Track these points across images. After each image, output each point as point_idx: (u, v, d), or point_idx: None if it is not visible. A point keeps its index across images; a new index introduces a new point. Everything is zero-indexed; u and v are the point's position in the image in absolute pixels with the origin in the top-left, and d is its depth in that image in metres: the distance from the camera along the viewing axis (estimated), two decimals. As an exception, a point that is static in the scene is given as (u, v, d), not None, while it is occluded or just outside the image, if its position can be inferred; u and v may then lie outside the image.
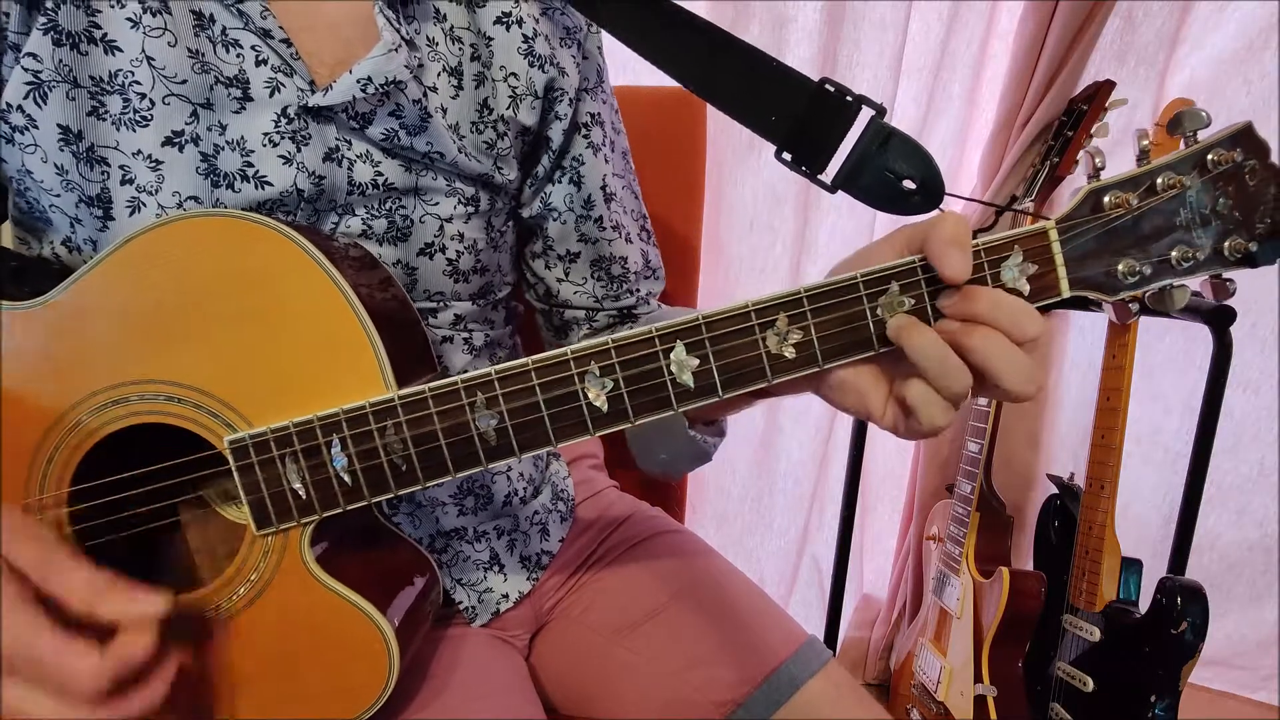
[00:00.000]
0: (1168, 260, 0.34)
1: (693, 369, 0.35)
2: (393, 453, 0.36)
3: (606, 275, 0.58)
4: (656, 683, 0.54)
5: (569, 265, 0.58)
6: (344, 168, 0.44)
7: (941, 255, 0.32)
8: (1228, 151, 0.33)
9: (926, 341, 0.33)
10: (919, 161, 0.40)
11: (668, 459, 0.53)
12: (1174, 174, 0.34)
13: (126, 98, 0.40)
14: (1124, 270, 0.34)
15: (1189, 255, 0.34)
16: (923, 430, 0.34)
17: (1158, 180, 0.34)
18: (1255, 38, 1.01)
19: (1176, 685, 0.83)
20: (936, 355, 0.33)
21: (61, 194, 0.42)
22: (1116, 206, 0.34)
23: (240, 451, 0.37)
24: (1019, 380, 0.32)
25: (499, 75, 0.49)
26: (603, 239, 0.57)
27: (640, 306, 0.61)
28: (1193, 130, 0.34)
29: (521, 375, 0.35)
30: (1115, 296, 0.35)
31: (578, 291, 0.58)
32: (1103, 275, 0.34)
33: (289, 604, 0.38)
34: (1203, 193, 0.34)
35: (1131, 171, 0.34)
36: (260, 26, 0.42)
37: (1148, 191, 0.34)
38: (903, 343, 0.34)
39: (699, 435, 0.48)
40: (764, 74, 0.42)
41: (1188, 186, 0.34)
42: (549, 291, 0.59)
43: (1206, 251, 0.34)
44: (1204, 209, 0.34)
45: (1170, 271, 0.34)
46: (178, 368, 0.37)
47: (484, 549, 0.56)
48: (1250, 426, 1.14)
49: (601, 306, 0.59)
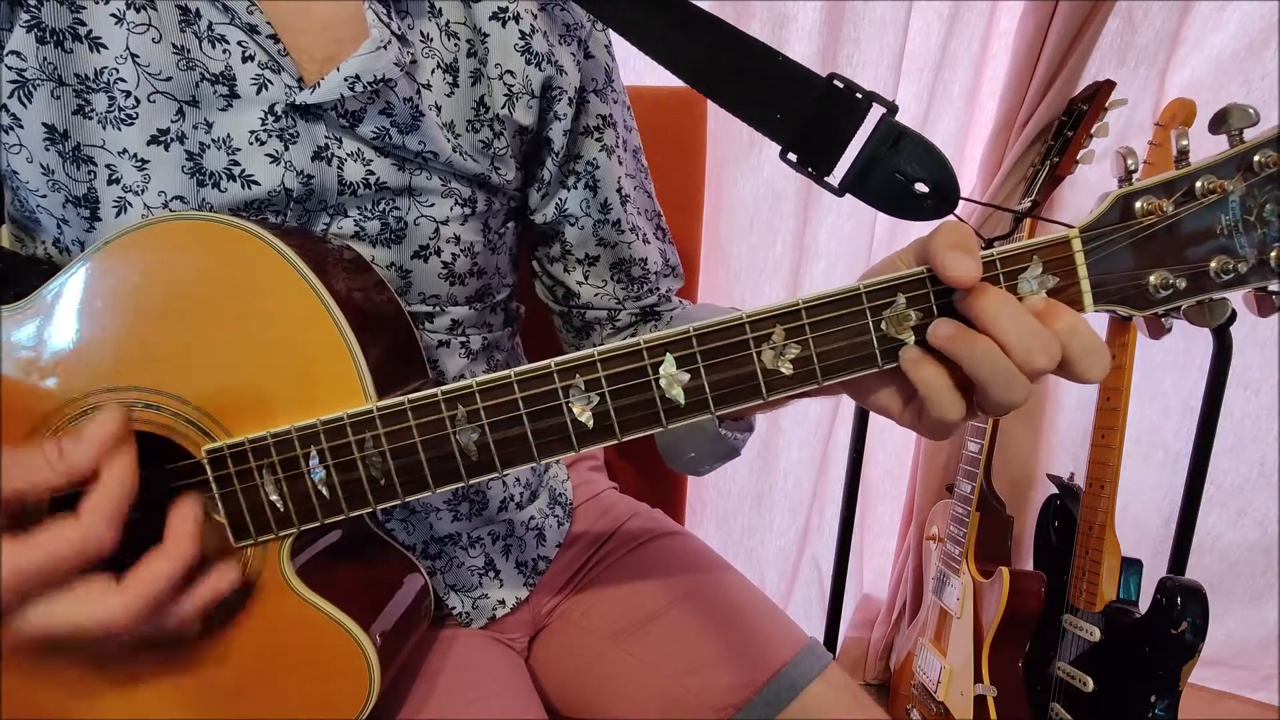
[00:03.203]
0: (1205, 271, 0.31)
1: (683, 384, 0.33)
2: (371, 466, 0.35)
3: (627, 277, 0.58)
4: (656, 686, 0.54)
5: (588, 268, 0.57)
6: (334, 167, 0.44)
7: (944, 258, 0.30)
8: (1277, 153, 0.30)
9: (930, 376, 0.31)
10: (932, 163, 0.37)
11: (696, 457, 0.52)
12: (1215, 177, 0.30)
13: (112, 95, 0.39)
14: (1156, 283, 0.31)
15: (1229, 266, 0.31)
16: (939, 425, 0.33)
17: (1197, 184, 0.30)
18: (1255, 38, 1.01)
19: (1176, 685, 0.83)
20: (940, 386, 0.31)
21: (48, 194, 0.41)
22: (1149, 213, 0.31)
23: (218, 462, 0.36)
24: (1002, 392, 0.30)
25: (495, 73, 0.48)
26: (621, 242, 0.57)
27: (663, 305, 0.61)
28: (1238, 129, 0.30)
29: (504, 388, 0.34)
30: (1146, 312, 0.32)
31: (599, 293, 0.58)
32: (1131, 288, 0.31)
33: (268, 617, 0.37)
34: (1248, 198, 0.30)
35: (1167, 174, 0.31)
36: (247, 22, 0.41)
37: (1185, 196, 0.31)
38: (910, 375, 0.32)
39: (728, 433, 0.47)
40: (769, 70, 0.40)
41: (1230, 191, 0.30)
42: (569, 294, 0.58)
43: (1251, 262, 0.31)
44: (1249, 215, 0.30)
45: (1209, 284, 0.31)
46: (155, 375, 0.37)
47: (479, 555, 0.55)
48: (1250, 426, 1.14)
49: (623, 306, 0.59)
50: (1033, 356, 0.30)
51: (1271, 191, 0.30)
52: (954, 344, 0.31)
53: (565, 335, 0.63)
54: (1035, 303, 0.31)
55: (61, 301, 0.37)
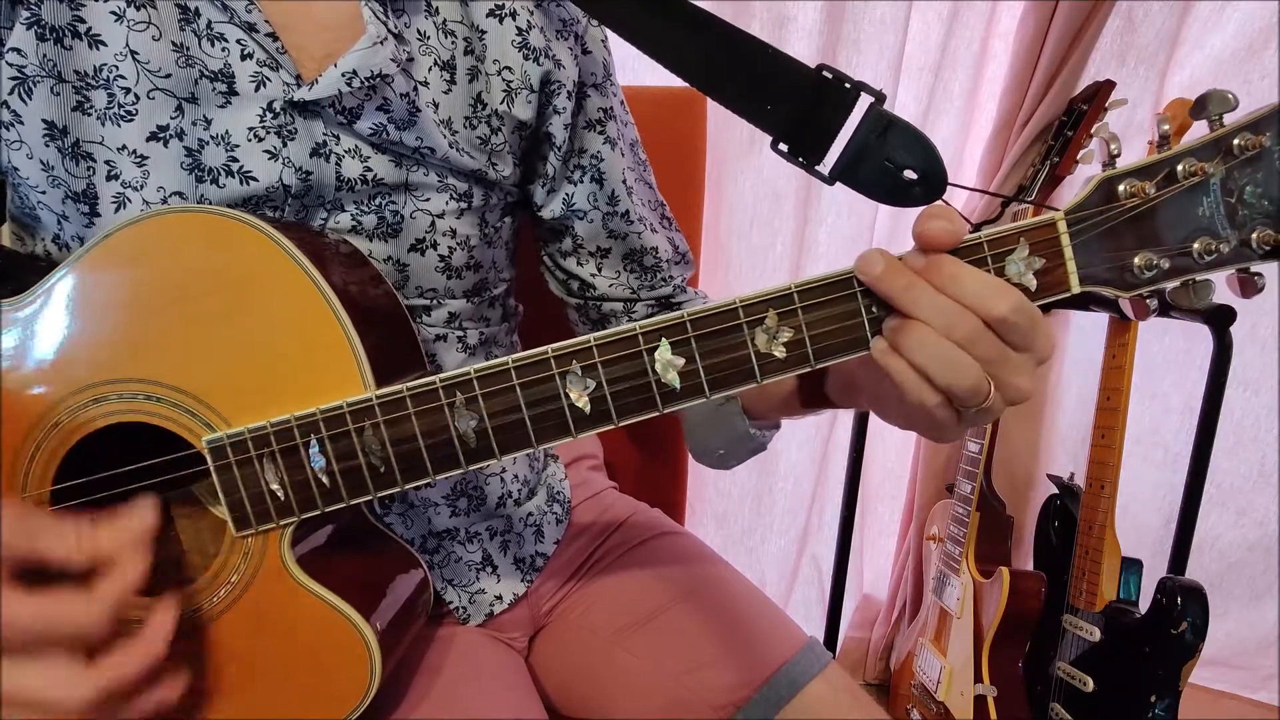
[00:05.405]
0: (1189, 253, 0.32)
1: (678, 369, 0.34)
2: (371, 454, 0.36)
3: (640, 266, 0.58)
4: (656, 685, 0.54)
5: (601, 260, 0.58)
6: (332, 163, 0.44)
7: (920, 225, 0.31)
8: (1256, 136, 0.30)
9: (899, 368, 0.32)
10: (920, 151, 0.38)
11: (725, 453, 0.53)
12: (1196, 160, 0.31)
13: (111, 92, 0.40)
14: (1140, 264, 0.32)
15: (1212, 248, 0.31)
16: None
17: (1178, 167, 0.31)
18: (1255, 38, 1.01)
19: (1176, 685, 0.83)
20: (912, 383, 0.32)
21: (48, 190, 0.41)
22: (1132, 196, 0.31)
23: (218, 452, 0.36)
24: (948, 375, 0.31)
25: (493, 69, 0.49)
26: (631, 232, 0.57)
27: (678, 295, 0.61)
28: (1218, 114, 0.31)
29: (501, 374, 0.34)
30: (1130, 293, 0.33)
31: (613, 284, 0.58)
32: (1116, 270, 0.32)
33: (270, 607, 0.38)
34: (1228, 180, 0.31)
35: (1149, 158, 0.32)
36: (246, 20, 0.41)
37: (1166, 179, 0.31)
38: (880, 365, 0.33)
39: (757, 430, 0.48)
40: (760, 62, 0.41)
41: (1211, 174, 0.31)
42: (585, 285, 0.59)
43: (1232, 243, 0.31)
44: (1229, 198, 0.31)
45: (1192, 265, 0.32)
46: (155, 366, 0.37)
47: (476, 550, 0.55)
48: (1250, 426, 1.14)
49: (639, 297, 0.59)
50: (951, 326, 0.31)
51: (1251, 174, 0.31)
52: (894, 336, 0.32)
53: (582, 330, 0.63)
54: (914, 260, 0.32)
55: (62, 294, 0.37)
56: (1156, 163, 0.32)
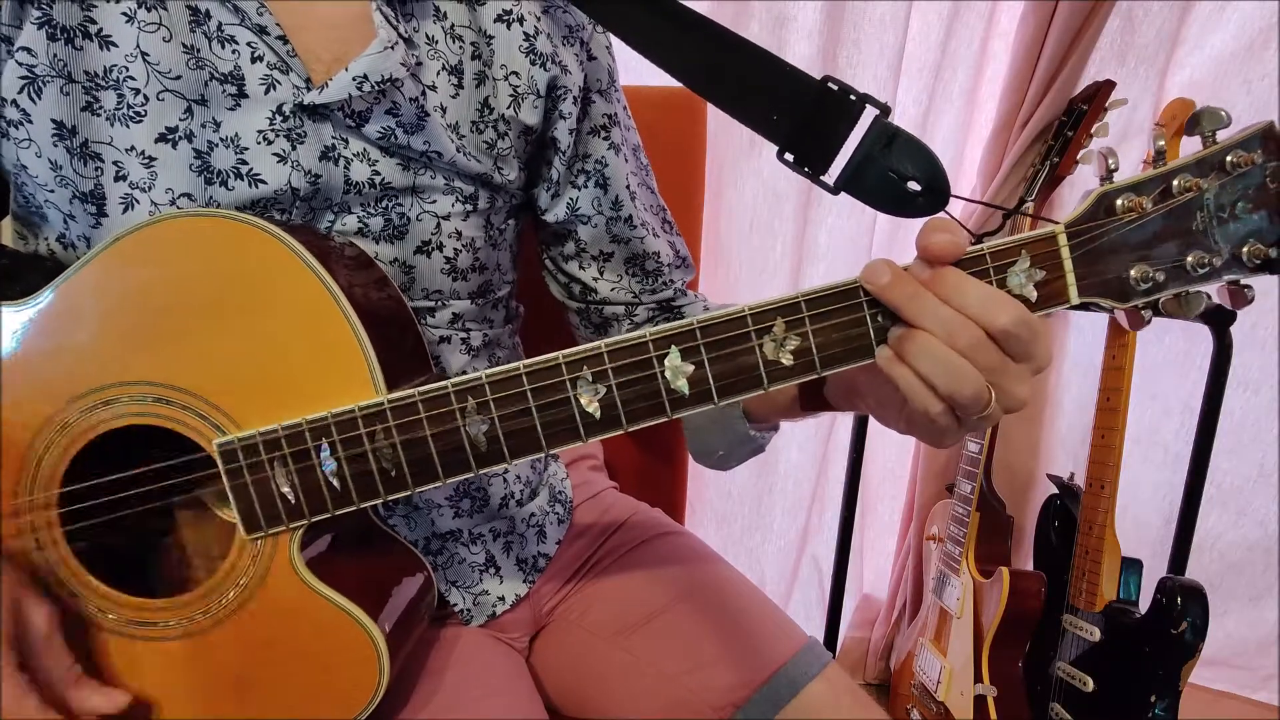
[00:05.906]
0: (1183, 266, 0.33)
1: (687, 375, 0.34)
2: (382, 458, 0.36)
3: (641, 270, 0.59)
4: (656, 685, 0.54)
5: (603, 264, 0.58)
6: (340, 166, 0.44)
7: (924, 238, 0.32)
8: (1248, 153, 0.32)
9: (904, 376, 0.33)
10: (924, 162, 0.39)
11: (725, 454, 0.53)
12: (1191, 176, 0.32)
13: (121, 93, 0.40)
14: (1136, 276, 0.33)
15: (1205, 261, 0.32)
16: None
17: (1173, 183, 0.32)
18: (1255, 38, 1.01)
19: (1176, 685, 0.83)
20: (917, 390, 0.33)
21: (55, 190, 0.41)
22: (1130, 210, 0.32)
23: (229, 455, 0.37)
24: (949, 382, 0.32)
25: (500, 74, 0.49)
26: (634, 237, 0.57)
27: (679, 299, 0.61)
28: (1211, 130, 0.32)
29: (513, 380, 0.35)
30: (1127, 304, 0.34)
31: (615, 288, 0.59)
32: (1114, 281, 0.33)
33: (279, 608, 0.38)
34: (1221, 196, 0.32)
35: (1146, 174, 0.33)
36: (256, 23, 0.41)
37: (1163, 195, 0.32)
38: (886, 373, 0.34)
39: (757, 432, 0.49)
40: (766, 72, 0.41)
41: (1205, 189, 0.32)
42: (586, 289, 0.59)
43: (1224, 257, 0.33)
44: (1222, 213, 0.32)
45: (1185, 278, 0.33)
46: (166, 369, 0.37)
47: (480, 551, 0.55)
48: (1250, 426, 1.14)
49: (640, 301, 0.59)
50: (954, 336, 0.32)
51: (1243, 190, 0.32)
52: (899, 345, 0.33)
53: (583, 333, 0.63)
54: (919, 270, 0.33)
55: (72, 297, 0.38)
56: (1153, 178, 0.33)
